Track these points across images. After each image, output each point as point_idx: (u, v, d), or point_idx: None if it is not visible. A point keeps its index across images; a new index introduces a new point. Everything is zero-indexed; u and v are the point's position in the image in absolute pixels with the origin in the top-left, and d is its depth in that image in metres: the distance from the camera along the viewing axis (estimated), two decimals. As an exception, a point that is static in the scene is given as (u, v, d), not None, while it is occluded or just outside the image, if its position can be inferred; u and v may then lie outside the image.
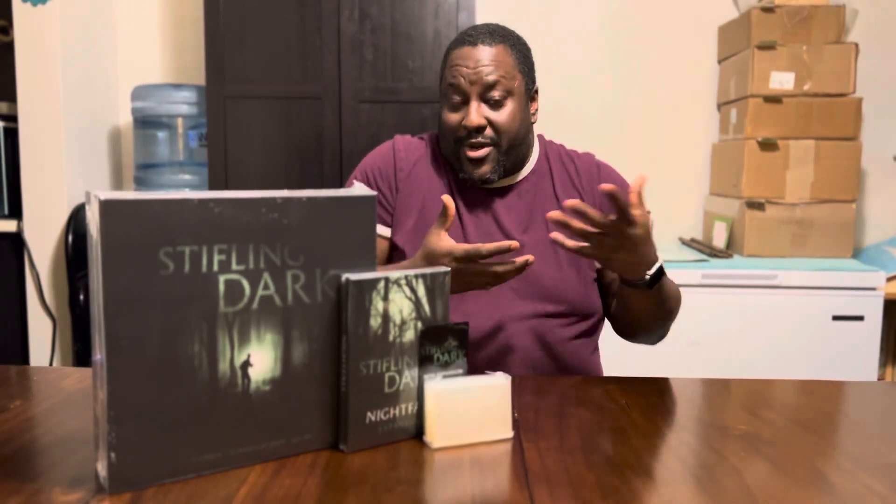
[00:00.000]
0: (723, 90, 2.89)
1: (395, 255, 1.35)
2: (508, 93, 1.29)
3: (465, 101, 1.29)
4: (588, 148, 2.90)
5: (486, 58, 1.28)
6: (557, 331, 1.31)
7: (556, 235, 1.08)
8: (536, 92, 1.38)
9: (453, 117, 1.31)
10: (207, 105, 2.52)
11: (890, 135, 2.92)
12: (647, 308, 1.24)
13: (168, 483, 0.78)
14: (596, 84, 2.98)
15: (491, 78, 1.27)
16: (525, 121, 1.33)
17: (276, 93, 2.52)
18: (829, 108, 2.57)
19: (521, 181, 1.38)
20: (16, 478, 0.79)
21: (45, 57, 2.57)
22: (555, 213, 1.04)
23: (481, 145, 1.29)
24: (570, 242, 1.08)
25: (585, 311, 1.33)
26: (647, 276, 1.15)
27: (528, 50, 1.36)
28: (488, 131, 1.29)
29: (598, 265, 1.36)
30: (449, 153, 1.35)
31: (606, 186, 1.01)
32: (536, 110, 1.38)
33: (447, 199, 1.13)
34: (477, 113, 1.28)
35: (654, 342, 1.36)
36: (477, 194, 1.36)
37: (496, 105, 1.29)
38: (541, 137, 1.44)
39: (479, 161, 1.30)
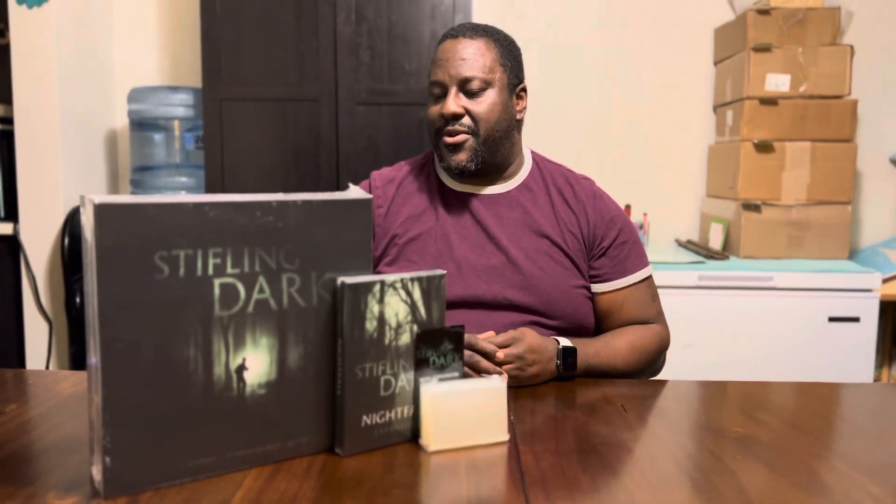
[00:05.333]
0: (719, 92, 2.89)
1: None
2: (487, 84, 1.30)
3: (446, 93, 1.31)
4: (584, 149, 2.92)
5: (466, 51, 1.29)
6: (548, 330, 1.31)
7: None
8: (524, 90, 1.37)
9: (434, 109, 1.33)
10: (204, 107, 2.52)
11: (886, 136, 2.92)
12: (607, 373, 1.26)
13: (163, 487, 0.78)
14: (592, 86, 2.98)
15: (468, 71, 1.28)
16: (507, 114, 1.33)
17: (273, 95, 2.52)
18: (825, 110, 2.57)
19: (510, 191, 1.37)
20: (11, 482, 0.79)
21: (41, 59, 2.56)
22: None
23: (458, 132, 1.30)
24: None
25: (579, 322, 1.32)
26: (560, 369, 1.19)
27: (516, 48, 1.36)
28: (466, 120, 1.30)
29: (594, 288, 1.35)
30: (434, 147, 1.36)
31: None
32: (524, 108, 1.37)
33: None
34: (454, 101, 1.29)
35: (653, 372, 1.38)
36: (464, 203, 1.36)
37: (474, 95, 1.30)
38: (534, 153, 1.44)
39: (456, 147, 1.30)
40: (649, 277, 1.38)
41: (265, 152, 2.54)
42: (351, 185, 1.40)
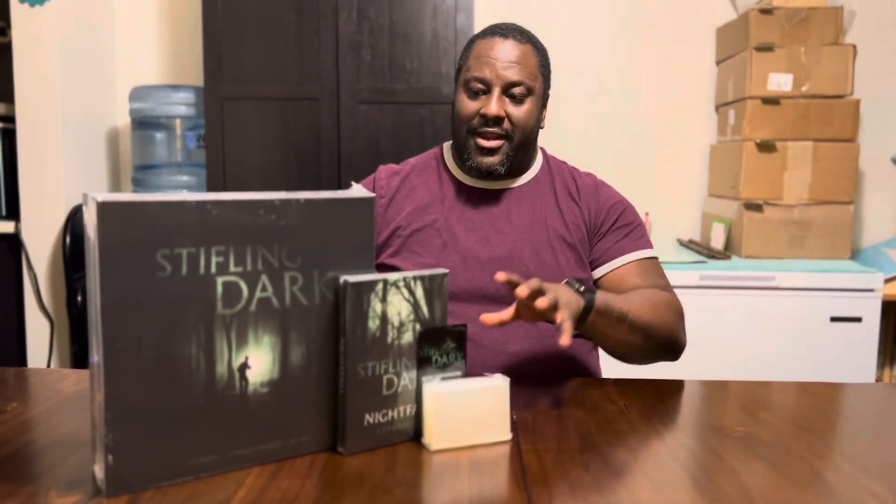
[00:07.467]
0: (721, 91, 2.89)
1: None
2: (529, 91, 1.31)
3: (487, 91, 1.30)
4: (586, 149, 2.92)
5: (514, 54, 1.29)
6: (554, 330, 1.31)
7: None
8: (547, 99, 1.39)
9: (471, 105, 1.31)
10: (205, 106, 2.52)
11: (888, 136, 2.92)
12: (611, 339, 1.19)
13: (165, 485, 0.78)
14: (593, 85, 2.98)
15: (517, 75, 1.29)
16: (537, 123, 1.35)
17: (274, 94, 2.51)
18: (827, 110, 2.57)
19: (520, 186, 1.38)
20: (12, 480, 0.79)
21: (42, 58, 2.56)
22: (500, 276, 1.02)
23: (495, 136, 1.30)
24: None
25: None
26: (581, 293, 1.11)
27: (549, 59, 1.38)
28: (505, 124, 1.30)
29: (595, 274, 1.35)
30: (458, 142, 1.36)
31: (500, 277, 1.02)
32: (544, 117, 1.39)
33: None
34: (498, 103, 1.29)
35: (663, 359, 1.30)
36: (472, 197, 1.37)
37: (516, 100, 1.30)
38: (543, 150, 1.46)
39: (491, 151, 1.31)
40: (653, 259, 1.35)
41: (266, 151, 2.54)
42: (353, 183, 1.41)
